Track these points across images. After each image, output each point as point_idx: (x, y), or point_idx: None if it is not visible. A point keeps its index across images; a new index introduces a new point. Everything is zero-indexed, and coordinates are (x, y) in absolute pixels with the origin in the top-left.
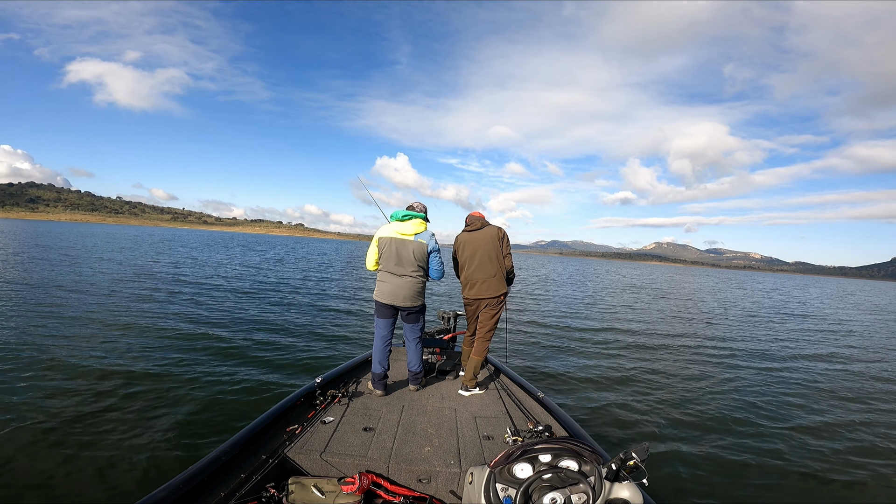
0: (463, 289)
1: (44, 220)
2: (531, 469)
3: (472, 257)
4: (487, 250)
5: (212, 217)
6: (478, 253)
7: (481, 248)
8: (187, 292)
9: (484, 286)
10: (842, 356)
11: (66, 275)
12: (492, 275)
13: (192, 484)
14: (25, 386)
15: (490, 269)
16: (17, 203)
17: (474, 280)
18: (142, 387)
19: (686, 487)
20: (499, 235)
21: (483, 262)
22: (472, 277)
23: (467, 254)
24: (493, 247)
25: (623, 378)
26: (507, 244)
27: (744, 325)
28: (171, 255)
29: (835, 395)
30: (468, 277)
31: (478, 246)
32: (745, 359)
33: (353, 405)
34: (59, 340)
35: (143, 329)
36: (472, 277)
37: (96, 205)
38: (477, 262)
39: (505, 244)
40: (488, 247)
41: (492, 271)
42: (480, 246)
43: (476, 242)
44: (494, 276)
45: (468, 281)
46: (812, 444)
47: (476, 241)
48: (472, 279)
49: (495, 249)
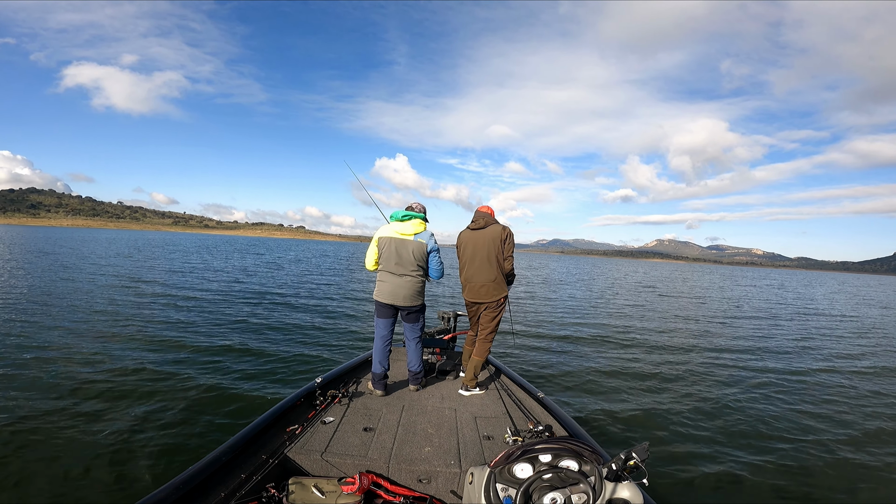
0: (462, 289)
1: (46, 226)
2: (531, 469)
3: (472, 258)
4: (488, 252)
5: (213, 221)
6: (478, 254)
7: (482, 250)
8: (187, 294)
9: (483, 290)
10: (852, 355)
11: (75, 280)
12: (491, 279)
13: (192, 484)
14: (24, 386)
15: (489, 273)
16: (19, 209)
17: (473, 282)
18: (141, 387)
19: (686, 487)
20: (502, 236)
21: (482, 264)
22: (470, 279)
23: (468, 254)
24: (493, 248)
25: (624, 378)
26: (509, 245)
27: (746, 324)
28: (177, 261)
29: (833, 395)
30: (467, 279)
31: (479, 246)
32: (746, 359)
33: (354, 405)
34: (60, 340)
35: (142, 329)
36: (471, 280)
37: (97, 210)
38: (477, 264)
39: (507, 245)
40: (489, 248)
41: (491, 275)
42: (481, 247)
43: (477, 242)
44: (494, 280)
45: (467, 283)
46: (812, 443)
47: (477, 241)
48: (471, 281)
49: (496, 251)
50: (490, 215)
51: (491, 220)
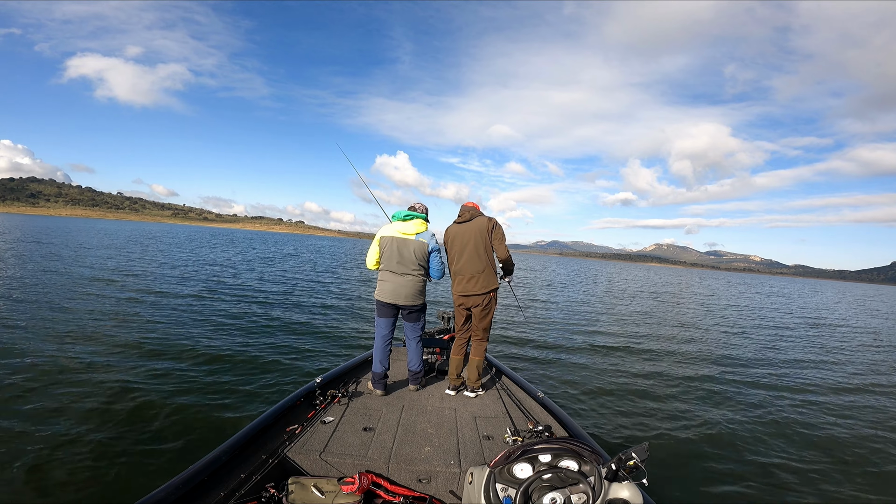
0: (452, 283)
1: (44, 215)
2: (531, 469)
3: (461, 252)
4: (476, 243)
5: (212, 213)
6: (467, 247)
7: (471, 242)
8: (185, 291)
9: (472, 282)
10: (844, 360)
11: (78, 273)
12: (480, 270)
13: (192, 484)
14: (23, 386)
15: (479, 265)
16: (18, 198)
17: (462, 275)
18: (141, 387)
19: (686, 488)
20: (489, 226)
21: (471, 256)
22: (460, 272)
23: (456, 248)
24: (482, 239)
25: (624, 379)
26: (498, 233)
27: (745, 331)
28: (174, 254)
29: (833, 396)
30: (456, 272)
31: (467, 239)
32: (746, 359)
33: (353, 405)
34: (59, 342)
35: (142, 329)
36: (461, 272)
37: (97, 200)
38: (466, 257)
39: (496, 233)
40: (477, 240)
41: (480, 266)
42: (469, 239)
43: (465, 235)
44: (483, 272)
45: (456, 276)
46: (812, 444)
47: (465, 234)
48: (461, 274)
49: (484, 242)
50: (475, 209)
51: (476, 213)
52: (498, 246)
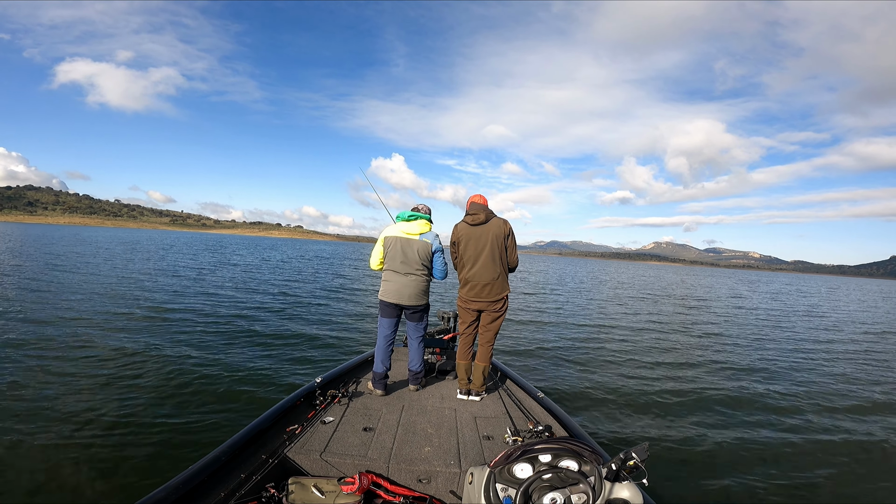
0: (462, 288)
1: (43, 224)
2: (531, 469)
3: (474, 257)
4: (492, 249)
5: (210, 219)
6: (482, 254)
7: (486, 248)
8: (186, 293)
9: (486, 289)
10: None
11: (83, 275)
12: (495, 277)
13: (192, 484)
14: (22, 386)
15: (494, 272)
16: (16, 206)
17: (476, 282)
18: (140, 386)
19: (686, 488)
20: (505, 231)
21: (486, 263)
22: (473, 279)
23: (470, 252)
24: (497, 246)
25: (624, 379)
26: (512, 241)
27: (747, 328)
28: (181, 261)
29: (832, 397)
30: (468, 278)
31: (482, 244)
32: (746, 360)
33: (353, 405)
34: (58, 342)
35: (141, 329)
36: (474, 279)
37: (94, 208)
38: (481, 264)
39: (510, 240)
40: (493, 246)
41: (495, 274)
42: (485, 245)
43: (480, 240)
44: (498, 279)
45: (468, 282)
46: (812, 443)
47: (480, 239)
48: (474, 280)
49: (500, 249)
50: (488, 207)
51: (491, 214)
52: (512, 253)
